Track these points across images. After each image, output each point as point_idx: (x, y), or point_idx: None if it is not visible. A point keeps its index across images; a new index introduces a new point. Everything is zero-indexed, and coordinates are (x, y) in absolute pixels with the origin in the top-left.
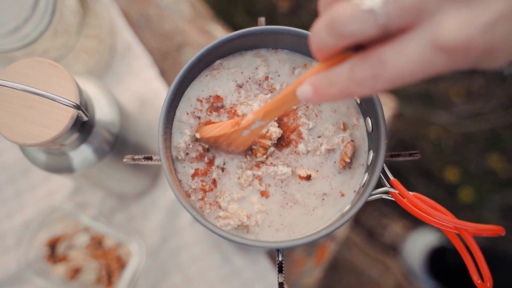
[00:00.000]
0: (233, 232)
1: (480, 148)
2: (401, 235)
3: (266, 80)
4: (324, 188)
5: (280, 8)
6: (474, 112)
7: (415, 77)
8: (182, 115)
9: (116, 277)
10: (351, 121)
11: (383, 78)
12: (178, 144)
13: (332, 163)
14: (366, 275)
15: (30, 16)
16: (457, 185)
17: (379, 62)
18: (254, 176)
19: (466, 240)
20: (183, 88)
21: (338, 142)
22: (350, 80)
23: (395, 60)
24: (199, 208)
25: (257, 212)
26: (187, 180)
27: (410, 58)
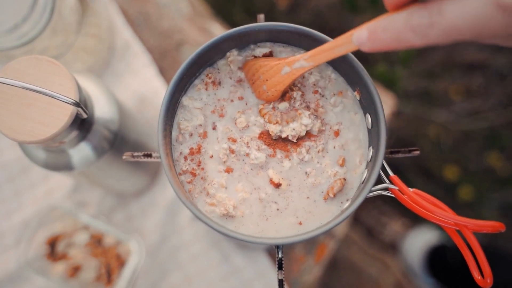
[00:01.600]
0: (218, 220)
1: (479, 146)
2: (401, 233)
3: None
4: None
5: (279, 6)
6: (473, 110)
7: (469, 32)
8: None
9: (116, 275)
10: (353, 160)
11: (438, 27)
12: (185, 127)
13: (319, 192)
14: (366, 273)
15: (29, 15)
16: (457, 184)
17: (438, 11)
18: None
19: (466, 237)
20: (182, 86)
21: (330, 175)
22: (406, 26)
23: (454, 11)
24: (188, 192)
25: (241, 200)
26: (180, 161)
27: (469, 11)
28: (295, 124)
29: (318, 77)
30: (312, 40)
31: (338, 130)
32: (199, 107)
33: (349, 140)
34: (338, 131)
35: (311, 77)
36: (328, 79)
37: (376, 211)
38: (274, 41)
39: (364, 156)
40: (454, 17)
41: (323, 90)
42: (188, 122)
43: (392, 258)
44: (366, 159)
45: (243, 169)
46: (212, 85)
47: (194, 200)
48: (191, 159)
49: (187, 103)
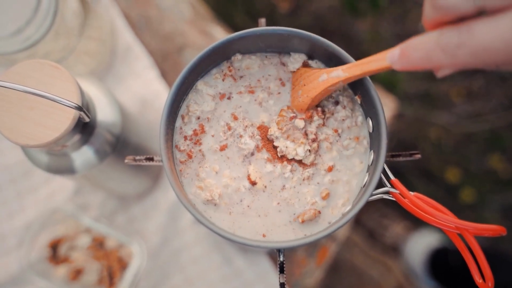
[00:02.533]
0: (201, 205)
1: (480, 148)
2: (402, 236)
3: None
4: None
5: (280, 9)
6: (475, 112)
7: (500, 54)
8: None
9: (118, 278)
10: (336, 199)
11: (467, 47)
12: (194, 110)
13: (291, 212)
14: (367, 275)
15: (32, 18)
16: (458, 185)
17: (467, 31)
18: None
19: (468, 240)
20: (184, 89)
21: (308, 202)
22: (436, 45)
23: (484, 31)
24: (179, 171)
25: (225, 186)
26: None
27: (499, 33)
28: (290, 145)
29: (349, 114)
30: (313, 46)
31: (332, 167)
32: (211, 94)
33: (341, 180)
34: (332, 167)
35: (342, 111)
36: (354, 121)
37: (377, 214)
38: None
39: (350, 199)
40: (484, 37)
41: (342, 131)
42: (198, 106)
43: (393, 261)
44: (368, 162)
45: (232, 150)
46: (232, 79)
47: (182, 179)
48: (190, 139)
49: (201, 88)
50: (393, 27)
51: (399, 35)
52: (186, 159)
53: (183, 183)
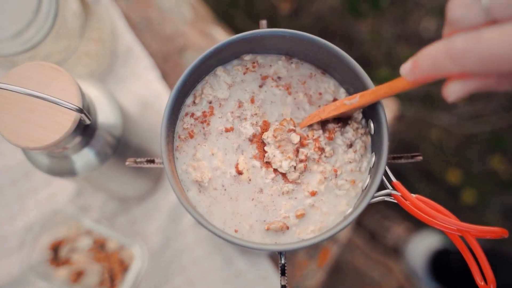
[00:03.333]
0: (189, 184)
1: (481, 149)
2: (404, 237)
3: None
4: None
5: (281, 10)
6: (476, 113)
7: (508, 60)
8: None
9: (119, 280)
10: (308, 223)
11: (475, 52)
12: (208, 93)
13: (262, 217)
14: (368, 277)
15: (33, 20)
16: (459, 187)
17: (475, 37)
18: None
19: (469, 242)
20: (185, 91)
21: (280, 214)
22: (443, 51)
23: (492, 37)
24: (176, 148)
25: (215, 168)
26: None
27: (508, 39)
28: (278, 155)
29: (357, 159)
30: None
31: (316, 193)
32: (229, 82)
33: (320, 210)
34: (315, 193)
35: (352, 154)
36: (359, 167)
37: (379, 215)
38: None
39: (322, 230)
40: (492, 43)
41: (342, 173)
42: (213, 91)
43: (395, 262)
44: (369, 165)
45: (234, 133)
46: (254, 75)
47: (177, 154)
48: (196, 118)
49: (220, 74)
50: (394, 28)
51: (400, 36)
52: (187, 137)
53: (177, 157)
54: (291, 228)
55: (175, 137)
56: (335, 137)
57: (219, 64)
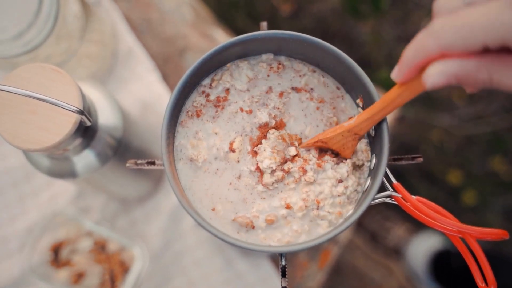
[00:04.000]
0: (183, 157)
1: (482, 150)
2: (404, 238)
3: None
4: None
5: (282, 12)
6: (477, 114)
7: (484, 31)
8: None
9: (120, 281)
10: (274, 233)
11: (452, 26)
12: (227, 81)
13: (232, 207)
14: (369, 278)
15: (33, 22)
16: (460, 188)
17: (454, 15)
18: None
19: (470, 244)
20: (186, 93)
21: (252, 212)
22: (424, 33)
23: (467, 13)
24: (180, 123)
25: (211, 146)
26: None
27: (484, 12)
28: (268, 152)
29: (348, 192)
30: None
31: (291, 207)
32: (250, 76)
33: (291, 225)
34: (290, 207)
35: (338, 186)
36: (351, 197)
37: (379, 216)
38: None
39: (289, 243)
40: (469, 17)
41: (325, 205)
42: (231, 79)
43: (395, 263)
44: (369, 166)
45: (252, 115)
46: (278, 76)
47: (179, 128)
48: (209, 100)
49: (243, 66)
50: (395, 29)
51: (401, 37)
52: (193, 115)
53: (179, 131)
54: (257, 230)
55: (182, 112)
56: (324, 167)
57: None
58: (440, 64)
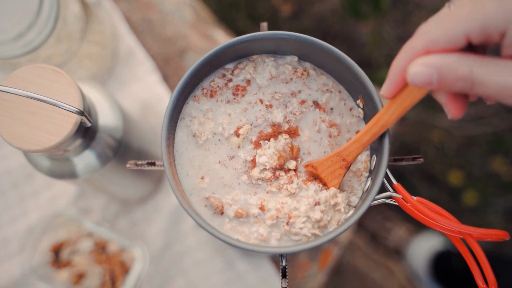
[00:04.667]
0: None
1: (483, 151)
2: (405, 238)
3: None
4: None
5: (282, 12)
6: (477, 115)
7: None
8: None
9: (120, 282)
10: (262, 222)
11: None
12: (247, 70)
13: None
14: (370, 279)
15: (34, 23)
16: (461, 189)
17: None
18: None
19: (471, 245)
20: (186, 94)
21: (245, 199)
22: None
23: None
24: (193, 98)
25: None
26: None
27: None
28: (270, 151)
29: (326, 219)
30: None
31: (279, 211)
32: (273, 74)
33: (260, 232)
34: (279, 211)
35: (315, 209)
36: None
37: (380, 217)
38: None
39: (256, 242)
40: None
41: (296, 223)
42: (253, 72)
43: (396, 264)
44: (370, 167)
45: (268, 112)
46: (302, 82)
47: (192, 101)
48: (226, 84)
49: (268, 62)
50: (395, 30)
51: (402, 38)
52: (207, 93)
53: (188, 103)
54: (225, 218)
55: (197, 87)
56: (308, 186)
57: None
58: (423, 57)
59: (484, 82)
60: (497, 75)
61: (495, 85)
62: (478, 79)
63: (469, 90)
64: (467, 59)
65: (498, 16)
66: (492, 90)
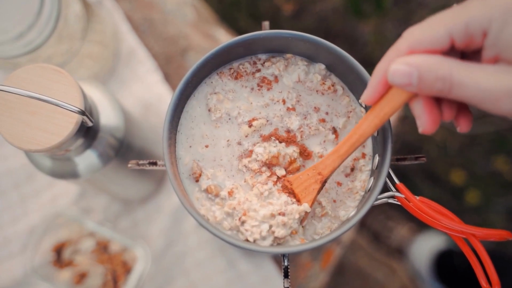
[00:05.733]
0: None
1: (485, 150)
2: (408, 238)
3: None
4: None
5: (284, 11)
6: (480, 114)
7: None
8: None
9: (122, 281)
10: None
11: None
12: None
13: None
14: (372, 278)
15: (35, 22)
16: (463, 188)
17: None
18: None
19: (474, 245)
20: (188, 93)
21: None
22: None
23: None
24: (219, 73)
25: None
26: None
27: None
28: (271, 147)
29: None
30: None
31: (247, 200)
32: (301, 79)
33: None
34: (231, 193)
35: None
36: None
37: (382, 216)
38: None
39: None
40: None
41: (246, 222)
42: (284, 72)
43: (399, 263)
44: (372, 167)
45: (287, 115)
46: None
47: (215, 76)
48: (254, 73)
49: (301, 64)
50: (397, 28)
51: None
52: (232, 74)
53: (212, 81)
54: (196, 186)
55: (226, 65)
56: (280, 195)
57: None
58: (405, 57)
59: (463, 84)
60: (476, 78)
61: (473, 88)
62: (457, 80)
63: (448, 92)
64: (448, 61)
65: (481, 14)
66: (469, 93)
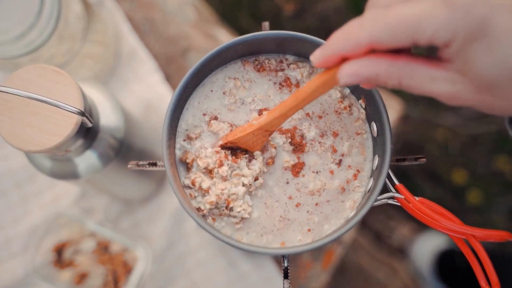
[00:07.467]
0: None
1: (487, 150)
2: (409, 237)
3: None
4: None
5: (285, 11)
6: (481, 113)
7: (412, 24)
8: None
9: (123, 282)
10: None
11: (382, 20)
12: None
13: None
14: (374, 278)
15: (35, 23)
16: (465, 188)
17: (386, 9)
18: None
19: (473, 246)
20: (187, 94)
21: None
22: (355, 22)
23: (399, 9)
24: (243, 60)
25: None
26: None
27: (412, 7)
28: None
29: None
30: None
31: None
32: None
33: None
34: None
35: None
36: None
37: (383, 216)
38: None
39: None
40: (398, 12)
41: (235, 207)
42: (297, 70)
43: (400, 263)
44: (372, 167)
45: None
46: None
47: (238, 61)
48: (277, 73)
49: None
50: None
51: None
52: (257, 66)
53: (236, 63)
54: (183, 171)
55: (251, 57)
56: (239, 163)
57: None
58: (354, 65)
59: (411, 88)
60: (422, 84)
61: (420, 92)
62: (406, 86)
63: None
64: (397, 67)
65: (447, 26)
66: (419, 93)
